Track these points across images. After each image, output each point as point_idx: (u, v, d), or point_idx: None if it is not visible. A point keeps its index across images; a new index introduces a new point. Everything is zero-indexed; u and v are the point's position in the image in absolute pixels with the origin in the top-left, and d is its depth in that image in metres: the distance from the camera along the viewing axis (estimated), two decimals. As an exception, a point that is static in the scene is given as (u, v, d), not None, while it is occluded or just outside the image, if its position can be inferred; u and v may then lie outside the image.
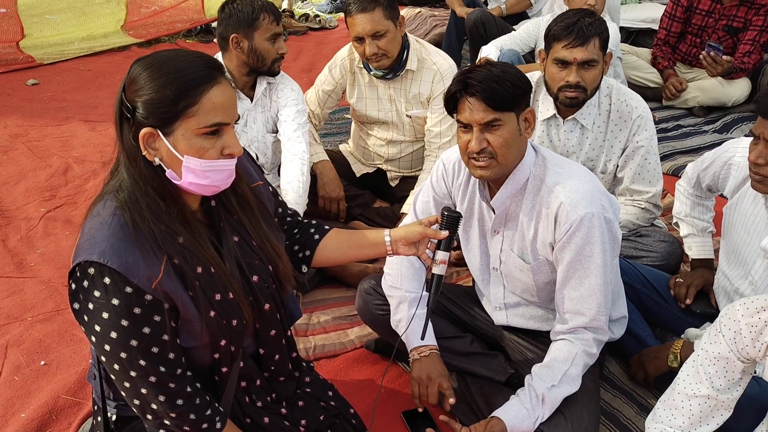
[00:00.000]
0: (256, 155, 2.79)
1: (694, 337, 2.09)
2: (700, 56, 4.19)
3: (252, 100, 2.73)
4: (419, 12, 6.06)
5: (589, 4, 3.48)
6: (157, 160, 1.35)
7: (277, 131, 2.79)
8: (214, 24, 6.15)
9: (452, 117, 1.82)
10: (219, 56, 2.63)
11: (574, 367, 1.81)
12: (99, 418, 1.64)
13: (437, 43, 4.99)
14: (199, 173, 1.35)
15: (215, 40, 5.88)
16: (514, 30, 4.16)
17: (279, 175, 2.96)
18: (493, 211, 1.90)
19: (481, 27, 4.49)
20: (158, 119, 1.32)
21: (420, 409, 1.97)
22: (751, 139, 1.91)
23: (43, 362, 2.29)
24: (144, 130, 1.32)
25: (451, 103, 1.79)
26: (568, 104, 2.42)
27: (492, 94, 1.70)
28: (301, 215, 2.57)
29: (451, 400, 1.88)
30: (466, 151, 1.78)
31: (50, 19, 5.58)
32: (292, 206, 2.60)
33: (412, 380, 1.93)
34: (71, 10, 5.73)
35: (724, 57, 4.08)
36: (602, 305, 1.82)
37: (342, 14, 6.94)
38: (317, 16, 6.68)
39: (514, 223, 1.90)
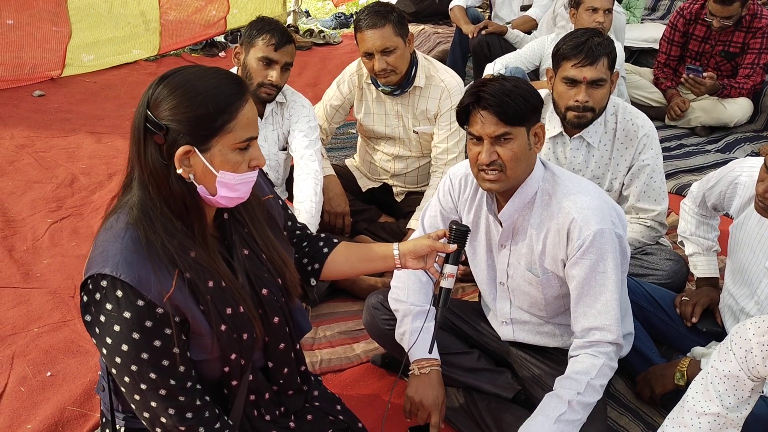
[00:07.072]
0: (267, 172, 2.78)
1: (701, 356, 2.09)
2: (682, 79, 4.24)
3: (261, 117, 2.72)
4: (423, 29, 6.11)
5: (597, 21, 3.51)
6: (191, 177, 1.36)
7: (287, 148, 2.80)
8: (218, 38, 6.23)
9: (464, 128, 1.84)
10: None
11: (598, 379, 1.80)
12: (108, 430, 1.63)
13: (441, 60, 4.99)
14: (232, 186, 1.38)
15: (221, 54, 5.99)
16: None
17: (286, 189, 2.98)
18: (501, 224, 1.91)
19: (485, 46, 4.55)
20: (196, 137, 1.33)
21: (413, 423, 1.95)
22: (758, 160, 1.92)
23: (49, 373, 2.28)
24: (182, 148, 1.33)
25: (464, 114, 1.81)
26: (576, 124, 2.44)
27: (504, 108, 1.72)
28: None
29: None
30: (476, 163, 1.80)
31: (88, 58, 5.45)
32: None
33: (406, 396, 1.92)
34: (112, 42, 5.57)
35: (705, 74, 4.12)
36: (618, 319, 1.83)
37: (346, 30, 6.99)
38: (321, 31, 6.73)
39: (522, 237, 1.91)
